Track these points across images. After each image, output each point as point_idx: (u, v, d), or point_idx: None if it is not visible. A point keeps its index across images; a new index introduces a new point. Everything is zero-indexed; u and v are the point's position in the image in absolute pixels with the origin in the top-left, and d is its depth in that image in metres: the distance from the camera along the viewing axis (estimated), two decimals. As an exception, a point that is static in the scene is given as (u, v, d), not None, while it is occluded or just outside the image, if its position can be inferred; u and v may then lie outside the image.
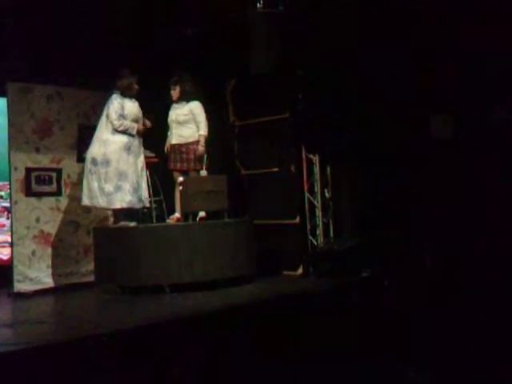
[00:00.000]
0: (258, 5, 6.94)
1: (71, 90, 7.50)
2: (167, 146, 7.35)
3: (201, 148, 7.12)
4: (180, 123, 7.23)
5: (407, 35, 6.97)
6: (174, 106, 7.30)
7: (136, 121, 6.93)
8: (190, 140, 7.18)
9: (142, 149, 7.02)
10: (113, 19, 7.46)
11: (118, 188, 6.70)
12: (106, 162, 6.72)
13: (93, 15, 7.29)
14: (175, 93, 7.26)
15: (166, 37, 7.77)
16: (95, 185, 6.72)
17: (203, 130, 7.16)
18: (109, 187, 6.68)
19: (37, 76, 7.19)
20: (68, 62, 7.31)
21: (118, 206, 6.76)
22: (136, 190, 6.82)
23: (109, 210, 7.08)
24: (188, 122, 7.21)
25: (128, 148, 6.81)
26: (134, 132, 6.86)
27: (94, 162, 6.75)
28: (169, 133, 7.35)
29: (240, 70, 7.76)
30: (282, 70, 7.39)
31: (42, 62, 7.18)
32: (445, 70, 6.84)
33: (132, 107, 6.91)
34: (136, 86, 6.95)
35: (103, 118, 6.87)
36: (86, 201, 6.85)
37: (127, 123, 6.82)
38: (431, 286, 6.45)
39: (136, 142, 6.89)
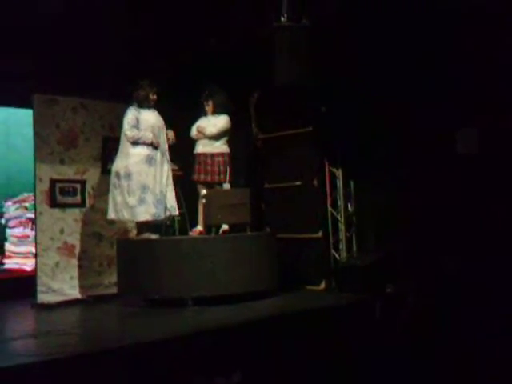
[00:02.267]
0: (282, 18, 6.94)
1: (96, 102, 7.56)
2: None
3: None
4: None
5: (433, 49, 6.94)
6: (208, 117, 7.35)
7: (153, 131, 6.90)
8: (216, 151, 7.21)
9: (168, 158, 7.00)
10: (138, 32, 7.51)
11: (141, 201, 6.71)
12: (128, 175, 6.73)
13: (118, 28, 7.36)
14: (209, 107, 7.33)
15: (190, 49, 7.81)
16: (119, 198, 6.74)
17: (209, 131, 7.20)
18: (132, 200, 6.69)
19: (62, 88, 7.25)
20: (93, 75, 7.38)
21: (142, 218, 6.77)
22: (160, 200, 6.81)
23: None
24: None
25: (149, 160, 6.80)
26: (149, 141, 6.80)
27: (118, 175, 6.77)
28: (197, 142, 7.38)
29: (263, 83, 7.77)
30: (306, 83, 7.39)
31: (68, 74, 7.25)
32: (470, 82, 6.80)
33: (149, 117, 6.90)
34: (153, 97, 6.93)
35: (123, 132, 6.91)
36: (111, 214, 6.87)
37: (139, 133, 6.78)
38: (455, 300, 6.38)
39: (158, 154, 6.89)
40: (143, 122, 6.84)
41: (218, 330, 5.38)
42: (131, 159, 6.77)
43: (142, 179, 6.73)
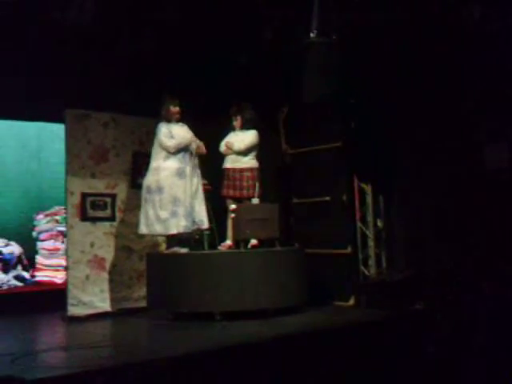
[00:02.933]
0: (312, 34, 6.97)
1: (126, 116, 7.61)
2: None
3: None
4: None
5: (461, 63, 6.92)
6: (237, 132, 7.37)
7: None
8: (244, 166, 7.23)
9: (198, 172, 7.03)
10: (166, 47, 7.59)
11: (173, 214, 6.74)
12: (159, 189, 6.78)
13: (147, 43, 7.43)
14: (237, 122, 7.34)
15: (219, 65, 7.86)
16: (151, 212, 6.79)
17: (237, 146, 7.20)
18: (164, 214, 6.73)
19: (93, 103, 7.34)
20: (123, 89, 7.45)
21: (174, 231, 6.79)
22: (190, 213, 6.83)
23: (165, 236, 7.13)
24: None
25: (180, 173, 6.85)
26: (189, 142, 6.88)
27: (149, 190, 6.83)
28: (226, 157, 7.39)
29: (292, 99, 7.79)
30: (335, 98, 7.40)
31: (99, 89, 7.34)
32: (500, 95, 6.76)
33: (179, 130, 6.95)
34: (174, 109, 6.96)
35: (155, 147, 6.96)
36: (143, 229, 6.92)
37: (178, 140, 6.85)
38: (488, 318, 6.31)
39: (188, 167, 6.92)
40: (176, 135, 6.90)
41: (246, 346, 5.37)
42: (162, 173, 6.82)
43: (174, 192, 6.78)
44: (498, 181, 6.77)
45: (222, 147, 7.37)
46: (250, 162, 7.29)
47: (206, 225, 7.04)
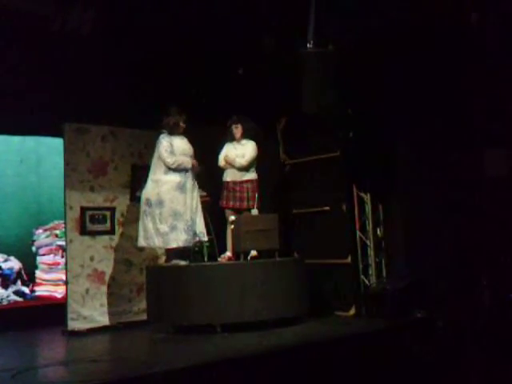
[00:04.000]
0: (309, 44, 6.98)
1: (125, 129, 7.61)
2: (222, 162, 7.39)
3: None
4: None
5: (458, 71, 6.94)
6: (234, 144, 7.37)
7: (186, 156, 6.97)
8: (245, 178, 7.23)
9: (196, 184, 7.02)
10: (165, 58, 7.60)
11: (173, 228, 6.73)
12: (160, 203, 6.77)
13: (145, 55, 7.45)
14: (237, 132, 7.34)
15: (218, 76, 7.87)
16: (150, 225, 6.77)
17: (238, 163, 7.20)
18: (164, 227, 6.72)
19: (91, 116, 7.34)
20: (121, 102, 7.45)
21: (173, 245, 6.78)
22: (191, 226, 6.83)
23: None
24: None
25: (181, 187, 6.84)
26: (189, 166, 6.88)
27: (149, 203, 6.81)
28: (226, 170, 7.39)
29: (291, 109, 7.79)
30: (333, 108, 7.40)
31: (97, 102, 7.34)
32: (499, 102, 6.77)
33: (180, 144, 6.95)
34: (182, 125, 6.99)
35: (155, 159, 6.96)
36: (141, 242, 6.91)
37: (180, 158, 6.85)
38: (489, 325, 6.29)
39: (189, 180, 6.92)
40: (176, 148, 6.90)
41: (246, 358, 5.36)
42: (163, 187, 6.80)
43: (174, 206, 6.76)
44: (498, 188, 6.77)
45: (221, 162, 7.35)
46: (250, 174, 7.29)
47: (205, 237, 7.04)
